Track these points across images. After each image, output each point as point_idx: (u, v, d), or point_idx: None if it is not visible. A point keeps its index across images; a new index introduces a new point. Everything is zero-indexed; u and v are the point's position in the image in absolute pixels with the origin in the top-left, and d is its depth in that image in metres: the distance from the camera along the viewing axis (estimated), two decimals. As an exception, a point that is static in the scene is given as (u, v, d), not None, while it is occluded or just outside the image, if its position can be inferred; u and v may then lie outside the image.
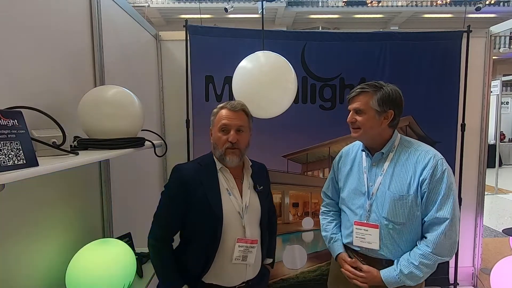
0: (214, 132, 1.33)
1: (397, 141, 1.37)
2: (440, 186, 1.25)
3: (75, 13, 1.40)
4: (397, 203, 1.29)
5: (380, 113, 1.30)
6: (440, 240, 1.23)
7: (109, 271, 1.20)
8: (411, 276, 1.26)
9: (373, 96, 1.30)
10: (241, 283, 1.31)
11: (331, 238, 1.50)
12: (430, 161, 1.27)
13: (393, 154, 1.34)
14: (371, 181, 1.36)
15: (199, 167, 1.32)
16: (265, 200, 1.41)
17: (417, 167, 1.28)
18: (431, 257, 1.24)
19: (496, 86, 6.79)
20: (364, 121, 1.31)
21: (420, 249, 1.27)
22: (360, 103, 1.31)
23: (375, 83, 1.32)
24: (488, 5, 12.37)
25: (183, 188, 1.27)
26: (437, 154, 1.30)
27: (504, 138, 10.11)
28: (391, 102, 1.30)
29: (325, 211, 1.59)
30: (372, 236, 1.33)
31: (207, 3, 11.89)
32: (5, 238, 0.99)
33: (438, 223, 1.24)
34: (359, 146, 1.48)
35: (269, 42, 2.12)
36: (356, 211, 1.39)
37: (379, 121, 1.31)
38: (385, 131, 1.34)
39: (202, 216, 1.26)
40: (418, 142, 1.38)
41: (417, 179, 1.27)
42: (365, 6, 12.90)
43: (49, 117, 0.97)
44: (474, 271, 2.74)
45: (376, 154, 1.36)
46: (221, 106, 1.33)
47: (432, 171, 1.25)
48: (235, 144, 1.27)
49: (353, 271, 1.36)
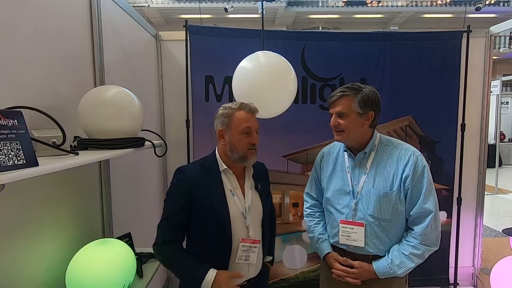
0: (232, 134, 1.28)
1: (377, 140, 1.41)
2: (422, 181, 1.32)
3: (75, 13, 1.40)
4: (382, 200, 1.33)
5: (362, 114, 1.33)
6: (427, 232, 1.30)
7: (109, 271, 1.19)
8: (402, 266, 1.31)
9: (354, 99, 1.32)
10: (243, 282, 1.32)
11: (318, 238, 1.51)
12: (410, 158, 1.33)
13: (374, 153, 1.39)
14: (355, 180, 1.40)
15: (202, 168, 1.32)
16: (266, 199, 1.42)
17: (399, 165, 1.34)
18: (420, 247, 1.31)
19: (496, 86, 6.79)
20: (347, 124, 1.34)
21: (408, 240, 1.34)
22: (342, 106, 1.34)
23: (354, 86, 1.35)
24: (488, 5, 12.37)
25: (188, 191, 1.25)
26: (416, 151, 1.36)
27: (504, 138, 10.11)
28: (371, 104, 1.33)
29: (311, 212, 1.60)
30: (357, 234, 1.36)
31: (207, 3, 11.89)
32: (5, 238, 0.99)
33: (424, 216, 1.31)
34: (339, 146, 1.51)
35: (269, 42, 2.13)
36: (342, 210, 1.41)
37: (361, 123, 1.34)
38: (366, 131, 1.38)
39: (209, 219, 1.26)
40: (397, 140, 1.43)
41: (399, 176, 1.33)
42: (365, 6, 12.90)
43: (49, 117, 0.97)
44: (474, 271, 2.74)
45: (359, 154, 1.40)
46: (236, 108, 1.30)
47: (413, 167, 1.31)
48: (255, 145, 1.30)
49: (345, 269, 1.38)
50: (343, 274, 1.38)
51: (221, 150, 1.34)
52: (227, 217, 1.26)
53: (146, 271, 1.51)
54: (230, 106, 1.31)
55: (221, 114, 1.31)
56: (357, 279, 1.35)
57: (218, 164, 1.33)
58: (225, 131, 1.30)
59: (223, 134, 1.30)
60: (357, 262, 1.37)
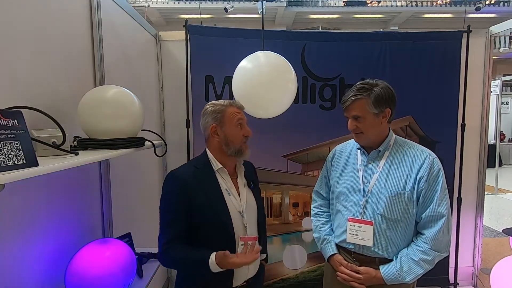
0: (227, 128, 1.28)
1: (392, 141, 1.39)
2: (436, 184, 1.29)
3: (75, 13, 1.40)
4: (394, 200, 1.30)
5: (378, 114, 1.31)
6: (438, 237, 1.26)
7: (109, 271, 1.20)
8: (411, 272, 1.28)
9: (368, 101, 1.30)
10: (242, 283, 1.31)
11: (324, 239, 1.49)
12: (426, 160, 1.31)
13: (388, 153, 1.37)
14: (366, 178, 1.38)
15: (196, 170, 1.29)
16: (259, 197, 1.43)
17: (414, 165, 1.31)
18: (431, 253, 1.27)
19: (496, 86, 6.79)
20: (365, 126, 1.33)
21: (418, 245, 1.30)
22: (357, 110, 1.32)
23: (365, 86, 1.32)
24: (488, 5, 12.37)
25: (186, 195, 1.22)
26: (431, 153, 1.34)
27: (504, 138, 10.11)
28: (385, 101, 1.31)
29: (319, 212, 1.58)
30: (366, 233, 1.34)
31: (207, 3, 11.89)
32: (5, 238, 0.99)
33: (436, 220, 1.28)
34: (353, 144, 1.49)
35: (269, 42, 2.13)
36: (351, 208, 1.39)
37: (379, 122, 1.33)
38: (384, 128, 1.37)
39: (212, 221, 1.24)
40: (412, 142, 1.42)
41: (413, 177, 1.30)
42: (365, 6, 12.91)
43: (49, 117, 0.97)
44: (474, 271, 2.74)
45: (372, 152, 1.38)
46: (227, 105, 1.30)
47: (429, 169, 1.29)
48: (248, 137, 1.32)
49: (350, 273, 1.35)
50: (348, 278, 1.35)
51: (214, 148, 1.32)
52: (228, 217, 1.25)
53: (146, 271, 1.51)
54: (220, 103, 1.31)
55: (213, 110, 1.29)
56: (362, 284, 1.33)
57: (211, 164, 1.31)
58: (218, 126, 1.29)
59: (216, 130, 1.29)
60: (363, 268, 1.34)
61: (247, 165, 1.43)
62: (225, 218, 1.25)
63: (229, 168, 1.34)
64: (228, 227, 1.25)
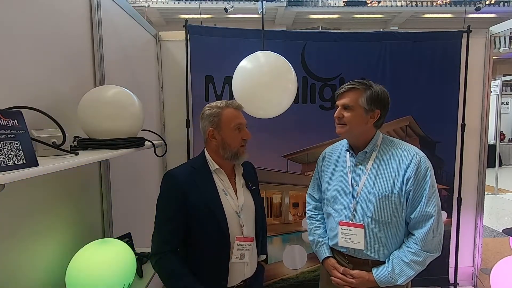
0: (224, 132, 1.28)
1: (380, 140, 1.38)
2: (424, 184, 1.27)
3: (75, 13, 1.40)
4: (382, 202, 1.29)
5: (368, 111, 1.31)
6: (428, 237, 1.25)
7: (109, 271, 1.19)
8: (403, 274, 1.27)
9: (362, 94, 1.30)
10: (239, 282, 1.32)
11: (318, 241, 1.49)
12: (413, 160, 1.28)
13: (376, 153, 1.36)
14: (355, 181, 1.37)
15: (193, 170, 1.29)
16: (258, 197, 1.42)
17: (401, 166, 1.29)
18: (421, 253, 1.26)
19: (496, 86, 6.79)
20: (351, 118, 1.31)
21: (409, 246, 1.29)
22: (349, 99, 1.32)
23: (365, 82, 1.33)
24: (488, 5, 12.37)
25: (182, 194, 1.23)
26: (419, 152, 1.32)
27: (504, 138, 10.11)
28: (379, 102, 1.31)
29: (313, 215, 1.58)
30: (357, 236, 1.33)
31: (207, 3, 11.89)
32: (5, 238, 0.99)
33: (425, 220, 1.26)
34: (342, 146, 1.48)
35: (269, 42, 2.13)
36: (341, 211, 1.39)
37: (366, 119, 1.32)
38: (369, 130, 1.35)
39: (207, 220, 1.24)
40: (400, 141, 1.39)
41: (401, 178, 1.29)
42: (365, 6, 12.90)
43: (49, 117, 0.97)
44: (474, 271, 2.74)
45: (360, 153, 1.37)
46: (223, 106, 1.30)
47: (416, 169, 1.27)
48: (246, 140, 1.32)
49: (343, 278, 1.36)
50: (342, 283, 1.36)
51: (211, 150, 1.33)
52: (224, 217, 1.25)
53: (146, 271, 1.51)
54: (217, 105, 1.31)
55: (209, 114, 1.29)
56: None
57: (208, 164, 1.32)
58: (215, 130, 1.29)
59: (214, 134, 1.29)
60: (356, 272, 1.34)
61: (246, 165, 1.43)
62: (220, 218, 1.25)
63: (227, 168, 1.34)
64: (222, 226, 1.25)
